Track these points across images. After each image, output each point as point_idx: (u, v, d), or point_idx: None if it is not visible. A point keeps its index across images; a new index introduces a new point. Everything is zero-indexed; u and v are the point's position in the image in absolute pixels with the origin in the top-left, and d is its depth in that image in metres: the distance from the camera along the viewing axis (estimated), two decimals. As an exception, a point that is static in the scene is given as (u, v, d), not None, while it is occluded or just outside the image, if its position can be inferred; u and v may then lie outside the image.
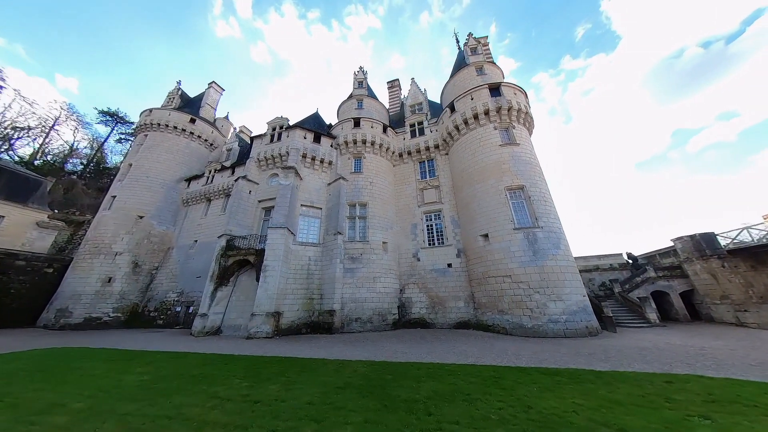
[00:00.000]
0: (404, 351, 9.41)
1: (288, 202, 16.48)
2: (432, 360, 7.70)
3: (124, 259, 21.34)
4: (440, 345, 10.51)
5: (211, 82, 32.53)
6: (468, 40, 22.08)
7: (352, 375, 6.06)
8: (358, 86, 24.56)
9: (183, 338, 13.43)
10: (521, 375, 5.90)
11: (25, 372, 6.67)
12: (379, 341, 11.68)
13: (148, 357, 8.46)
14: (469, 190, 17.20)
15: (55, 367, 7.15)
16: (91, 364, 7.58)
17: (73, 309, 18.97)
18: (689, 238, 15.09)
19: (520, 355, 8.36)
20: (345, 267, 16.29)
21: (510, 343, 10.49)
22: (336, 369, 6.68)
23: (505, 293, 13.65)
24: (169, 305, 20.26)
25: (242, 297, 15.61)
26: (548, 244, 13.76)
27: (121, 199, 22.99)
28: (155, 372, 6.63)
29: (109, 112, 52.58)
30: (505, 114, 17.37)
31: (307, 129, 20.08)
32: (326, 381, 5.66)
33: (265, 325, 13.19)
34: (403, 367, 6.63)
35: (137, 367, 7.11)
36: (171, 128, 26.59)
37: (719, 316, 13.94)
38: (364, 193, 18.83)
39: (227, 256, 15.78)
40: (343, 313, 15.17)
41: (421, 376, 5.86)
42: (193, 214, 24.54)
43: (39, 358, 8.41)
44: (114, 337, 14.52)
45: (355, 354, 8.90)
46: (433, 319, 16.13)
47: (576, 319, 12.20)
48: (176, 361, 7.90)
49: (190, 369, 6.85)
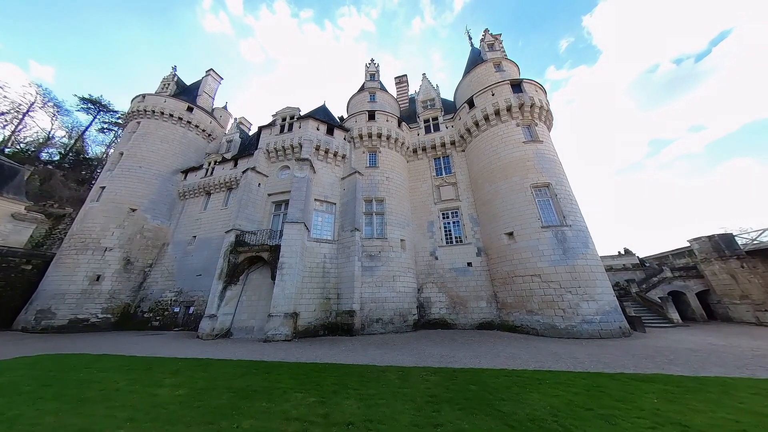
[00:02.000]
0: (449, 355, 8.75)
1: (304, 195, 15.48)
2: (491, 365, 7.06)
3: (115, 255, 19.60)
4: (479, 347, 9.92)
5: (209, 69, 30.79)
6: (484, 36, 21.72)
7: (429, 386, 5.33)
8: (370, 79, 23.74)
9: (190, 342, 12.21)
10: (612, 382, 5.36)
11: (27, 387, 5.53)
12: (411, 343, 10.97)
13: (168, 365, 7.39)
14: (490, 188, 16.77)
15: (61, 380, 6.02)
16: (103, 375, 6.47)
17: (56, 309, 17.17)
18: (707, 239, 15.27)
19: (577, 358, 7.88)
20: (363, 265, 15.47)
21: (552, 345, 10.03)
22: (400, 378, 5.92)
23: (535, 293, 13.26)
24: (166, 305, 18.75)
25: (254, 297, 14.49)
26: (577, 242, 13.49)
27: (112, 191, 21.16)
28: (190, 384, 5.66)
29: (92, 99, 49.29)
30: (528, 111, 17.07)
31: (320, 120, 19.09)
32: (404, 394, 4.91)
33: (284, 327, 12.20)
34: (477, 375, 5.96)
35: (164, 378, 6.09)
36: (167, 116, 24.82)
37: (738, 316, 14.14)
38: (381, 188, 18.07)
39: (237, 252, 14.61)
40: (363, 314, 14.35)
41: (510, 385, 5.21)
42: (191, 208, 22.97)
43: (34, 368, 7.18)
44: (108, 340, 13.08)
45: (398, 359, 8.16)
46: (454, 319, 15.57)
47: (609, 319, 11.93)
48: (205, 369, 6.90)
49: (230, 380, 5.91)
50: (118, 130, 53.27)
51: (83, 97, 48.52)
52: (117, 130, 53.17)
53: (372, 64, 24.44)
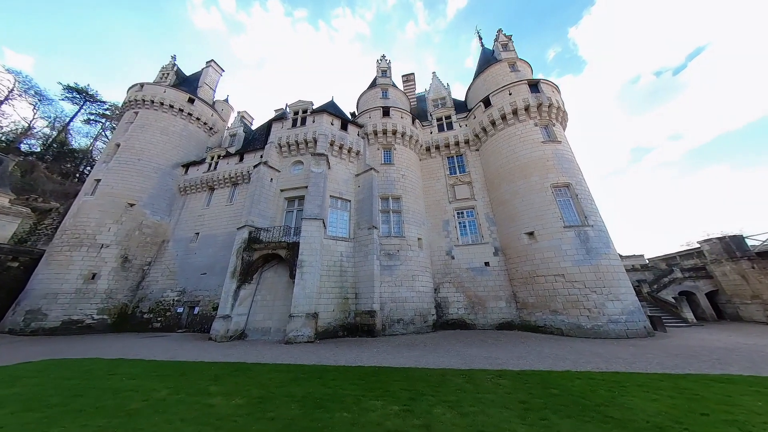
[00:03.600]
0: (491, 356, 8.46)
1: (321, 191, 14.95)
2: (546, 367, 6.80)
3: (112, 252, 18.44)
4: (515, 348, 9.69)
5: (210, 60, 29.62)
6: (498, 37, 21.72)
7: (507, 390, 5.00)
8: (382, 75, 23.34)
9: (205, 344, 11.48)
10: (694, 384, 5.17)
11: (55, 399, 4.87)
12: (442, 344, 10.63)
13: (203, 371, 6.78)
14: (508, 187, 16.68)
15: (91, 389, 5.37)
16: (135, 382, 5.83)
17: (47, 310, 15.96)
18: (718, 241, 15.69)
19: (624, 359, 7.74)
20: (382, 264, 15.05)
21: (587, 345, 9.91)
22: (468, 382, 5.57)
23: (558, 293, 13.18)
24: (168, 306, 17.76)
25: (269, 296, 13.83)
26: (599, 243, 13.51)
27: (108, 184, 19.93)
28: (241, 392, 5.13)
29: (77, 88, 46.83)
30: (545, 111, 17.09)
31: (334, 115, 18.55)
32: (490, 399, 4.56)
33: (306, 328, 11.64)
34: (545, 377, 5.68)
35: (207, 386, 5.52)
36: (167, 107, 23.64)
37: (748, 316, 14.55)
38: (397, 186, 17.69)
39: (252, 249, 13.91)
40: (384, 314, 13.93)
41: (593, 388, 4.94)
42: (193, 204, 21.94)
43: (47, 376, 6.44)
44: (111, 343, 12.16)
45: (443, 361, 7.81)
46: (473, 319, 15.36)
47: (634, 319, 11.97)
48: (247, 375, 6.35)
49: (283, 387, 5.40)
50: (105, 122, 50.87)
51: (68, 86, 46.00)
52: (104, 122, 50.77)
53: (383, 60, 24.05)
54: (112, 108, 52.66)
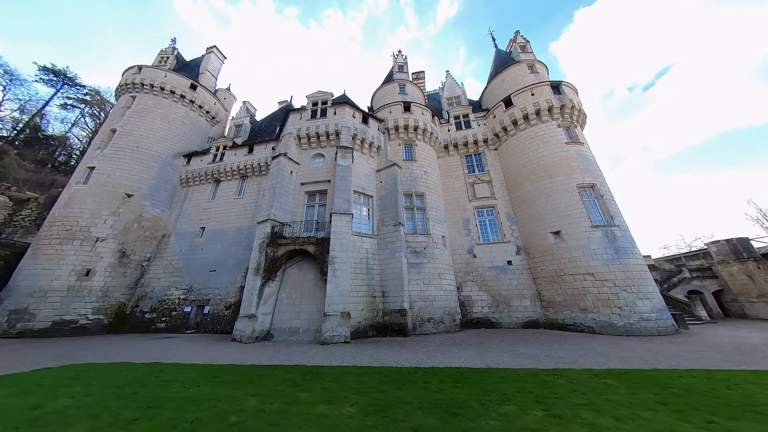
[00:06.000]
0: (549, 355, 8.28)
1: (349, 185, 14.37)
2: (626, 365, 6.70)
3: (108, 246, 16.89)
4: (560, 347, 9.56)
5: (212, 46, 28.09)
6: (516, 38, 21.91)
7: (630, 390, 4.77)
8: (399, 70, 22.94)
9: (232, 346, 10.61)
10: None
11: (126, 412, 4.14)
12: (487, 344, 10.36)
13: (271, 376, 6.10)
14: (531, 187, 16.76)
15: (166, 401, 4.63)
16: (203, 390, 5.12)
17: (36, 310, 14.35)
18: (725, 242, 16.56)
19: (684, 356, 7.79)
20: (409, 262, 14.66)
21: (631, 343, 9.97)
22: (572, 383, 5.30)
23: (588, 291, 13.33)
24: (174, 305, 16.48)
25: (295, 294, 13.06)
26: (626, 242, 13.80)
27: (103, 172, 18.27)
28: (339, 399, 4.58)
29: (54, 69, 43.16)
30: (568, 112, 17.35)
31: (356, 108, 17.94)
32: (626, 402, 4.30)
33: (342, 328, 11.04)
34: (660, 376, 5.51)
35: (295, 392, 4.92)
36: (167, 92, 22.07)
37: (754, 314, 15.43)
38: (420, 182, 17.36)
39: (277, 245, 13.09)
40: (413, 313, 13.55)
41: (714, 387, 4.81)
42: (197, 197, 20.60)
43: (87, 383, 5.56)
44: (118, 346, 10.99)
45: (509, 361, 7.53)
46: (498, 318, 15.28)
47: (664, 317, 12.28)
48: (325, 379, 5.76)
49: (387, 392, 4.90)
50: (84, 107, 47.24)
51: (44, 67, 42.28)
52: (83, 107, 47.13)
53: (400, 56, 23.66)
54: (92, 93, 49.02)
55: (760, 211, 27.49)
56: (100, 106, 49.17)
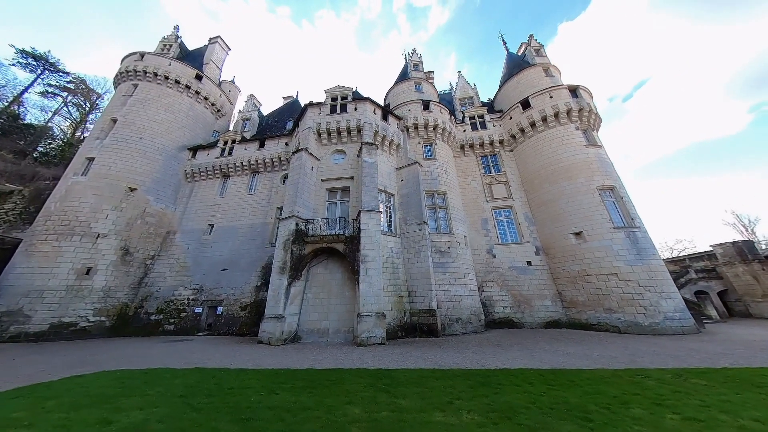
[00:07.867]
0: (601, 355, 8.23)
1: (375, 182, 14.00)
2: (684, 365, 6.70)
3: (110, 243, 15.77)
4: (598, 346, 9.54)
5: (216, 36, 27.02)
6: (530, 41, 22.22)
7: (722, 390, 4.69)
8: (414, 68, 22.78)
9: (261, 349, 10.01)
10: None
11: (223, 426, 3.67)
12: (524, 343, 10.24)
13: (342, 383, 5.68)
14: (550, 188, 16.92)
15: (257, 411, 4.15)
16: (284, 398, 4.66)
17: (31, 311, 13.17)
18: (731, 245, 17.30)
19: (732, 354, 7.93)
20: (434, 261, 14.43)
21: (667, 342, 10.12)
22: (657, 384, 5.19)
23: (612, 291, 13.52)
24: (183, 305, 15.55)
25: (322, 294, 12.55)
26: (647, 244, 14.11)
27: (104, 163, 17.08)
28: (442, 405, 4.26)
29: (35, 53, 40.42)
30: (585, 115, 17.67)
31: (377, 104, 17.59)
32: (734, 400, 4.20)
33: (378, 329, 10.65)
34: (741, 374, 5.49)
35: (392, 399, 4.55)
36: (172, 82, 20.98)
37: (759, 313, 16.16)
38: (441, 181, 17.20)
39: (303, 242, 12.55)
40: (442, 313, 13.32)
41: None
42: (203, 192, 19.65)
43: (148, 395, 4.98)
44: (137, 350, 10.17)
45: (565, 362, 7.40)
46: (520, 318, 15.28)
47: (686, 316, 12.59)
48: (404, 384, 5.41)
49: (488, 396, 4.62)
50: (67, 96, 44.49)
51: (23, 50, 39.49)
52: (66, 96, 44.36)
53: (414, 54, 23.50)
54: (77, 81, 46.33)
55: (737, 217, 29.20)
56: (86, 95, 46.50)
